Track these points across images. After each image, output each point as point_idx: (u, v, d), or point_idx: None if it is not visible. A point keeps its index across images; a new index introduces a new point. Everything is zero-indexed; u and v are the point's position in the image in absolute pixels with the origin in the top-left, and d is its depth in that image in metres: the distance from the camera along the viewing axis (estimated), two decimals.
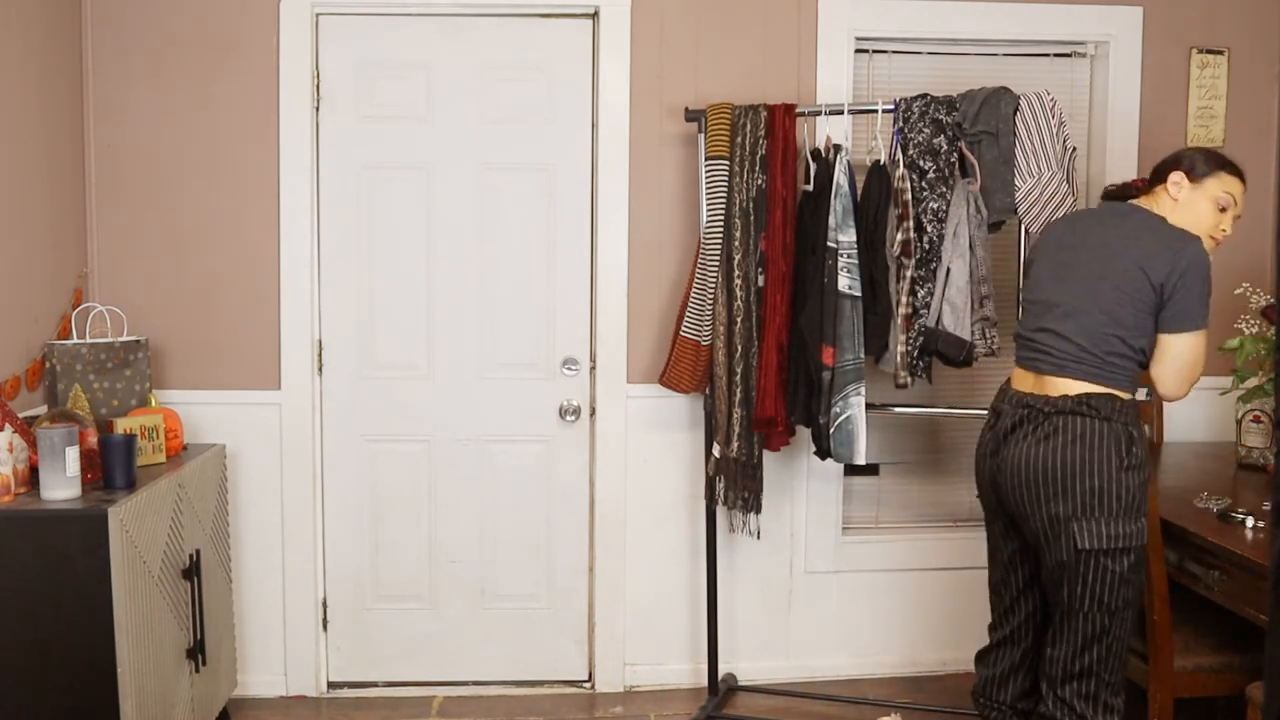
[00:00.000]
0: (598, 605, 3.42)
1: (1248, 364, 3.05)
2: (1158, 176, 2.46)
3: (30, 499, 2.43)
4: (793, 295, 3.01)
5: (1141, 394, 3.42)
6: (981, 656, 2.62)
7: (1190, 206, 2.39)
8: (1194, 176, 2.39)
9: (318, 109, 3.25)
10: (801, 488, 3.42)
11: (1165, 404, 3.39)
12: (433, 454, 3.38)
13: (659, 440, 3.37)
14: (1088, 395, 2.28)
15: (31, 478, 2.50)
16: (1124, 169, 3.34)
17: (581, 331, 3.37)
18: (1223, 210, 2.40)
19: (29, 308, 2.85)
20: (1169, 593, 2.48)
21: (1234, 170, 2.42)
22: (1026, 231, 2.91)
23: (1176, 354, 2.30)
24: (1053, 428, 2.28)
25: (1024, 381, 2.41)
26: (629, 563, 3.40)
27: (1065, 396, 2.29)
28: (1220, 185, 2.39)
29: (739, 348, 3.01)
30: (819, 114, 3.05)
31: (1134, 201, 2.46)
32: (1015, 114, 2.87)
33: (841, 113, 3.01)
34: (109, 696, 2.38)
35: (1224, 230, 2.41)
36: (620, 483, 3.37)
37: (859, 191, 2.97)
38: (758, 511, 3.06)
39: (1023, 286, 2.53)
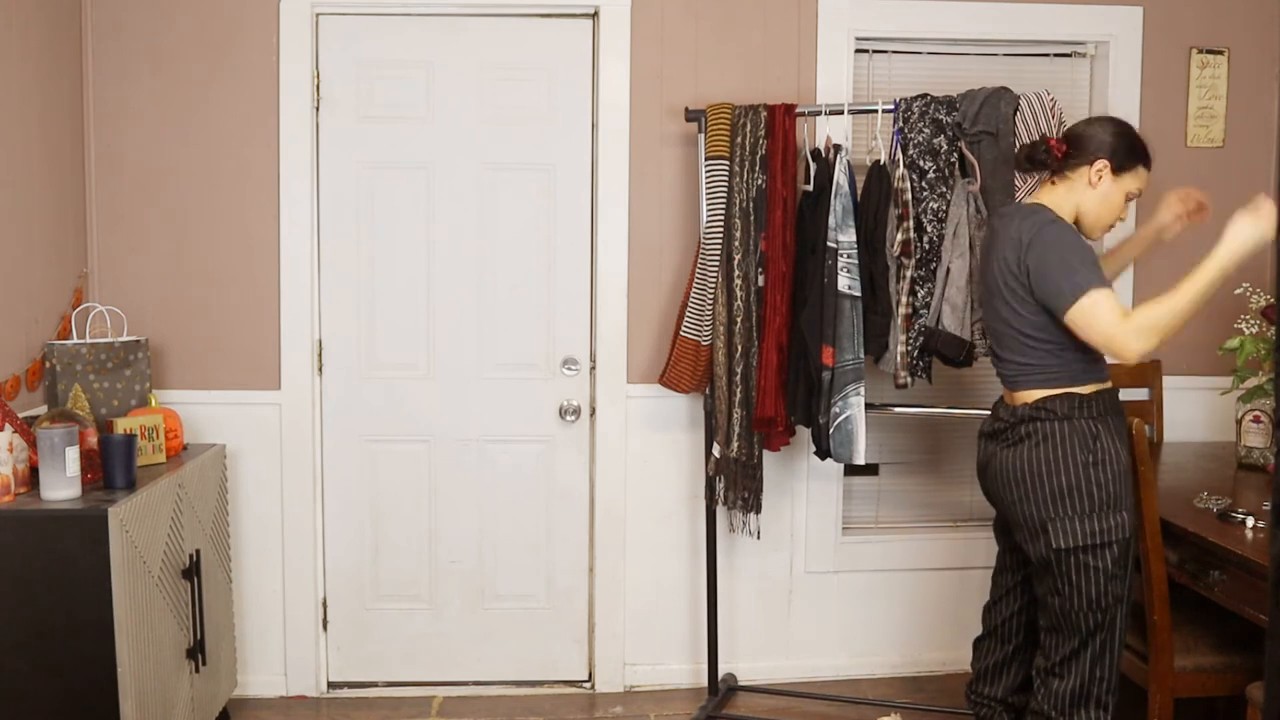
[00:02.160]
0: (598, 605, 3.42)
1: (1248, 364, 3.05)
2: (1078, 151, 2.37)
3: (30, 499, 2.43)
4: (793, 295, 3.01)
5: (1143, 394, 3.42)
6: (976, 644, 2.68)
7: (1106, 198, 2.38)
8: (1117, 170, 2.36)
9: (318, 109, 3.25)
10: (801, 488, 3.42)
11: (1163, 402, 3.40)
12: (433, 454, 3.38)
13: (659, 440, 3.37)
14: (1045, 399, 2.33)
15: (31, 478, 2.50)
16: None
17: (581, 331, 3.37)
18: (1128, 200, 2.41)
19: (29, 308, 2.85)
20: (1169, 593, 2.47)
21: (1149, 164, 2.41)
22: None
23: (1082, 328, 2.23)
24: (1020, 436, 2.35)
25: (1004, 392, 2.50)
26: (629, 563, 3.40)
27: (1025, 405, 2.36)
28: (1136, 181, 2.39)
29: (739, 348, 3.01)
30: (819, 114, 3.05)
31: (1037, 196, 2.44)
32: (1015, 114, 2.86)
33: (841, 113, 3.01)
34: (109, 696, 2.37)
35: (1122, 218, 2.43)
36: (620, 483, 3.37)
37: (859, 191, 2.97)
38: (758, 511, 3.06)
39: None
